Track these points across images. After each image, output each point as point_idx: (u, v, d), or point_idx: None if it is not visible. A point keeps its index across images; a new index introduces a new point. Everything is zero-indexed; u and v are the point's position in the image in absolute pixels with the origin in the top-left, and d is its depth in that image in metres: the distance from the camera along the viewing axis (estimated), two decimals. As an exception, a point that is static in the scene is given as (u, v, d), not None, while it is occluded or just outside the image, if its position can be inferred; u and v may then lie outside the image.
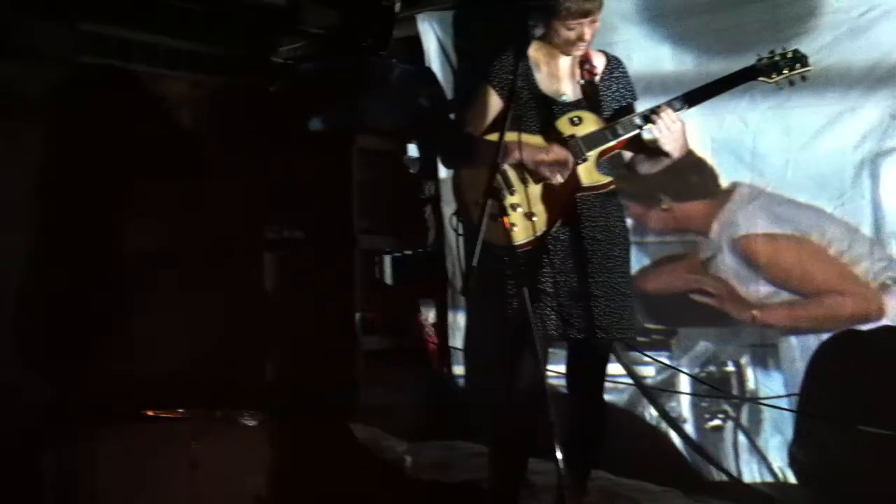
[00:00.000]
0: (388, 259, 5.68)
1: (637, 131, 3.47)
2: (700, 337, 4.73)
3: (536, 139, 3.47)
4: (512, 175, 3.45)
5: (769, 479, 4.45)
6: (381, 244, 5.75)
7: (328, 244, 5.57)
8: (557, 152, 3.43)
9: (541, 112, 3.48)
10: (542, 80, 3.56)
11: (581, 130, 3.46)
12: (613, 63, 3.65)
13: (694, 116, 4.65)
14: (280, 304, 5.59)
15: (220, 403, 4.32)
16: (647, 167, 3.63)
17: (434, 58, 5.49)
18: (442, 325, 5.61)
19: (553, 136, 3.47)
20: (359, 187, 5.63)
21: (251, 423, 4.18)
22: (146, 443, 3.97)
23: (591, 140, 3.47)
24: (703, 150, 4.64)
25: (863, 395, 3.89)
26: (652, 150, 3.53)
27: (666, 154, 3.48)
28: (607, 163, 3.57)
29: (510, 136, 3.34)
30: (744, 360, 4.59)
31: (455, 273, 5.47)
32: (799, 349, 4.42)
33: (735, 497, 4.32)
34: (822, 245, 4.35)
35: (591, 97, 3.54)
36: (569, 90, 3.56)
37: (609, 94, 3.58)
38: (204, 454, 3.90)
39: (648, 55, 4.71)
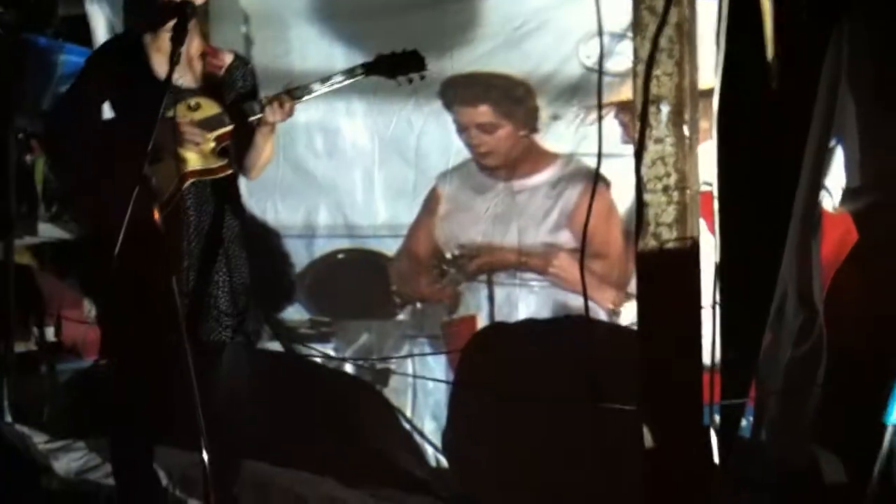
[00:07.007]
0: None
1: (258, 116, 3.53)
2: (363, 329, 4.89)
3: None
4: None
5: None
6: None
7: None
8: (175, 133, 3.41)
9: (153, 95, 3.29)
10: (157, 66, 3.52)
11: (198, 115, 3.50)
12: (238, 62, 3.73)
13: (364, 117, 4.87)
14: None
15: None
16: (251, 159, 3.67)
17: (102, 39, 5.29)
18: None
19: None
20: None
21: None
22: None
23: (208, 123, 3.50)
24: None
25: (507, 382, 4.15)
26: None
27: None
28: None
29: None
30: (404, 350, 4.80)
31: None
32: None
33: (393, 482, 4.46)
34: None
35: (211, 88, 3.58)
36: (187, 78, 3.57)
37: (231, 89, 3.63)
38: None
39: (322, 53, 4.81)
